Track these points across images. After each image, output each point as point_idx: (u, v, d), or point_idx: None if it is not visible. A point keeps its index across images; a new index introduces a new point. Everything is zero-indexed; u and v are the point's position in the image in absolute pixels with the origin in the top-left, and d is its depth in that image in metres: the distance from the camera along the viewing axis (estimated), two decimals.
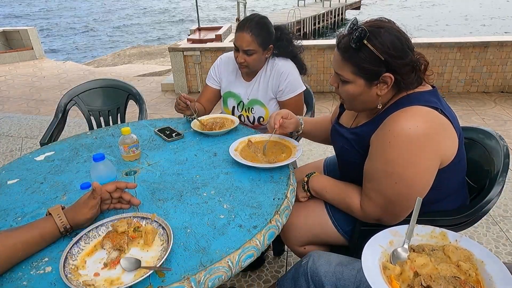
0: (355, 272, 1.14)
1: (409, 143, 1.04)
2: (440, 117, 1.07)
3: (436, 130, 1.06)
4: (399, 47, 1.06)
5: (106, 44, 16.77)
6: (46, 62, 8.71)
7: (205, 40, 6.43)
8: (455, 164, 1.13)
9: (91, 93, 2.41)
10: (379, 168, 1.12)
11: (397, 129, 1.05)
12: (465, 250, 0.86)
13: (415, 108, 1.07)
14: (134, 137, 1.44)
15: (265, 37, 1.75)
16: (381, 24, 1.08)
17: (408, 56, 1.08)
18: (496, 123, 4.12)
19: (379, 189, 1.14)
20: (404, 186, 1.08)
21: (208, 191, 1.21)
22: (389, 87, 1.11)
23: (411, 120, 1.05)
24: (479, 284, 0.79)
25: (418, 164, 1.06)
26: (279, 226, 1.08)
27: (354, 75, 1.12)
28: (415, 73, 1.11)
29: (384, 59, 1.06)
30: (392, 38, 1.06)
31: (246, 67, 1.80)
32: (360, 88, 1.14)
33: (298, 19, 13.91)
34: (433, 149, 1.06)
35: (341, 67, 1.14)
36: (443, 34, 16.31)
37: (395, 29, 1.08)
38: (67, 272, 0.87)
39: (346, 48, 1.11)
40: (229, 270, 0.91)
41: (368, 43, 1.05)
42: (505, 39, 4.87)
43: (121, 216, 1.05)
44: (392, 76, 1.08)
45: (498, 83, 5.02)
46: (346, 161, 1.34)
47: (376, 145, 1.13)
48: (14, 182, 1.35)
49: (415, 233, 0.93)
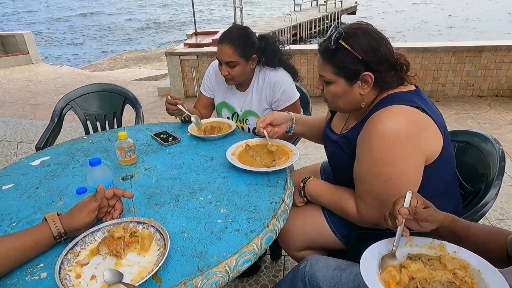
0: (353, 276, 1.14)
1: (392, 141, 1.06)
2: (421, 115, 1.09)
3: (418, 128, 1.08)
4: (375, 47, 1.11)
5: (100, 50, 16.78)
6: (42, 67, 8.69)
7: (202, 45, 6.44)
8: (442, 162, 1.14)
9: (88, 98, 2.41)
10: (366, 169, 1.14)
11: (379, 128, 1.08)
12: (462, 260, 0.86)
13: (396, 107, 1.09)
14: (131, 142, 1.43)
15: (246, 48, 1.73)
16: (357, 26, 1.15)
17: (386, 55, 1.12)
18: (491, 127, 4.15)
19: (370, 190, 1.16)
20: (394, 185, 1.10)
21: (205, 196, 1.21)
22: (371, 86, 1.15)
23: (392, 119, 1.07)
24: None
25: (403, 161, 1.08)
26: (276, 230, 1.07)
27: (335, 75, 1.16)
28: (395, 72, 1.15)
29: (361, 58, 1.10)
30: (368, 38, 1.11)
31: (231, 79, 1.79)
32: (342, 88, 1.17)
33: (295, 23, 13.97)
34: (416, 146, 1.08)
35: (323, 69, 1.19)
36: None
37: (371, 30, 1.13)
38: (62, 277, 0.86)
39: (326, 50, 1.16)
40: (226, 275, 0.91)
41: (345, 43, 1.11)
42: (499, 43, 4.93)
43: (117, 221, 1.04)
44: (371, 75, 1.12)
45: (493, 87, 5.06)
46: (338, 165, 1.36)
47: (361, 146, 1.15)
48: (9, 187, 1.34)
49: (414, 244, 0.93)
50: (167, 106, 1.76)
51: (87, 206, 1.01)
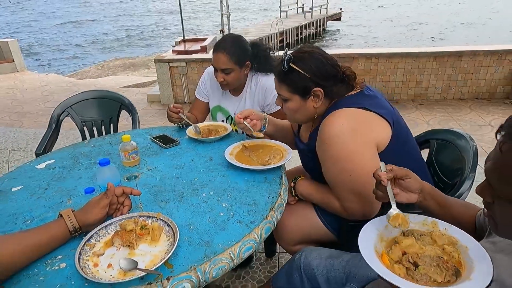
0: (345, 263, 1.25)
1: (342, 139, 1.23)
2: (362, 112, 1.27)
3: (360, 123, 1.25)
4: (320, 66, 1.29)
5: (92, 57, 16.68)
6: (28, 75, 8.61)
7: (191, 52, 6.53)
8: (398, 146, 1.30)
9: (84, 104, 2.48)
10: (331, 170, 1.30)
11: (328, 131, 1.25)
12: (451, 236, 0.94)
13: (339, 111, 1.27)
14: (134, 144, 1.52)
15: (240, 55, 1.85)
16: (305, 50, 1.33)
17: (331, 72, 1.30)
18: (472, 128, 4.34)
19: (343, 187, 1.29)
20: (359, 175, 1.24)
21: (207, 192, 1.30)
22: (322, 99, 1.32)
23: (337, 121, 1.25)
24: (460, 265, 0.86)
25: (358, 153, 1.23)
26: (274, 221, 1.17)
27: (291, 93, 1.34)
28: (343, 83, 1.33)
29: (310, 76, 1.28)
30: (314, 60, 1.29)
31: (226, 85, 1.91)
32: (298, 103, 1.35)
33: (281, 30, 14.19)
34: (363, 138, 1.24)
35: (280, 88, 1.37)
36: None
37: (317, 53, 1.32)
38: (82, 265, 0.94)
39: (280, 72, 1.34)
40: (231, 260, 1.00)
41: (295, 66, 1.29)
42: (478, 48, 5.16)
43: (128, 215, 1.13)
44: (321, 90, 1.30)
45: (473, 90, 5.28)
46: (311, 170, 1.52)
47: (320, 151, 1.31)
48: (18, 189, 1.40)
49: (409, 221, 0.99)
50: (170, 114, 1.85)
51: (99, 203, 1.10)
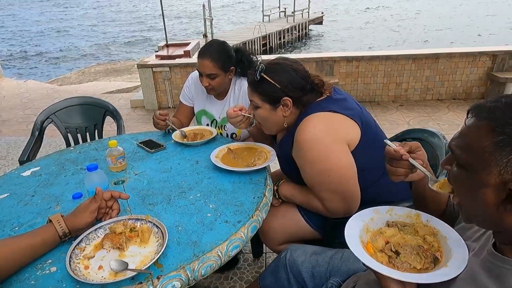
0: (328, 259, 1.30)
1: (315, 142, 1.30)
2: (331, 115, 1.35)
3: (329, 125, 1.34)
4: (290, 78, 1.37)
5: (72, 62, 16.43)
6: (5, 82, 8.38)
7: (174, 56, 6.50)
8: (370, 143, 1.37)
9: (68, 111, 2.47)
10: (310, 173, 1.37)
11: (302, 137, 1.33)
12: (432, 228, 1.00)
13: (309, 117, 1.35)
14: (121, 149, 1.54)
15: (225, 61, 1.89)
16: (277, 62, 1.42)
17: (301, 82, 1.38)
18: (450, 128, 4.48)
19: (323, 188, 1.36)
20: (337, 174, 1.31)
21: (194, 194, 1.34)
22: (290, 108, 1.40)
23: (308, 126, 1.32)
24: (440, 254, 0.92)
25: (332, 152, 1.31)
26: (260, 220, 1.22)
27: (262, 101, 1.42)
28: (312, 91, 1.40)
29: (280, 87, 1.36)
30: (284, 72, 1.38)
31: (212, 89, 1.95)
32: (267, 111, 1.43)
33: (264, 34, 14.31)
34: (334, 136, 1.32)
35: (252, 96, 1.45)
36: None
37: (288, 65, 1.40)
38: (73, 268, 0.96)
39: (253, 81, 1.43)
40: (219, 259, 1.04)
41: (266, 76, 1.37)
42: (453, 50, 5.34)
43: (117, 219, 1.15)
44: (290, 99, 1.38)
45: (450, 90, 5.46)
46: (289, 174, 1.58)
47: (297, 157, 1.39)
48: (4, 197, 1.41)
49: (394, 213, 1.04)
50: (157, 122, 1.88)
51: (88, 207, 1.12)
